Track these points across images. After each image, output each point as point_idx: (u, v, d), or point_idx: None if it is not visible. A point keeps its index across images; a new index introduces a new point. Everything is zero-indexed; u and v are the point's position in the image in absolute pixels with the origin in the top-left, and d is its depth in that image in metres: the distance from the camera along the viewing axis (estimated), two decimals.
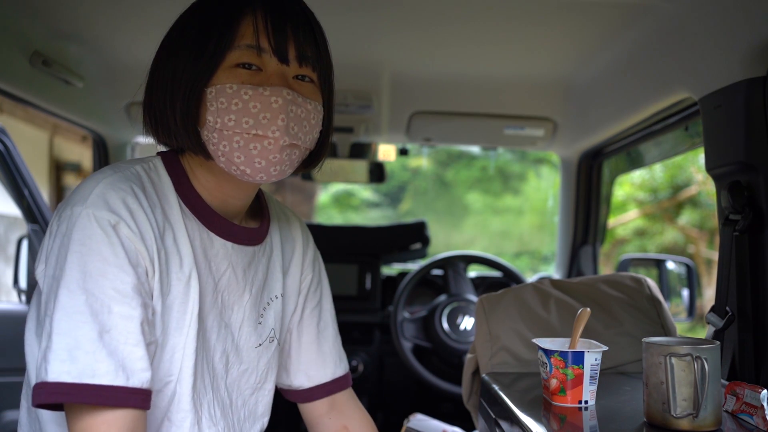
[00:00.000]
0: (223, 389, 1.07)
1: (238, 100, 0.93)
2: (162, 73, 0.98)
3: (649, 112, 1.76)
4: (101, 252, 0.88)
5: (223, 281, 1.05)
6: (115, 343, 0.87)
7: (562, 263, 2.76)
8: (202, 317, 1.02)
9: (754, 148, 1.24)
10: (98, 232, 0.88)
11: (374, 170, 2.73)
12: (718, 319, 1.31)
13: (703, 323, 1.50)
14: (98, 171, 0.97)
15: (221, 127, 0.94)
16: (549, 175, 8.04)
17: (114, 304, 0.87)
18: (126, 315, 0.88)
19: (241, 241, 1.07)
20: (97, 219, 0.89)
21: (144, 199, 0.94)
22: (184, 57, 0.95)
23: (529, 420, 1.11)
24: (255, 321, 1.11)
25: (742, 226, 1.26)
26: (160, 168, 1.02)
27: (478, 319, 1.53)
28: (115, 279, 0.88)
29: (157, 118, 0.99)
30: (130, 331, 0.88)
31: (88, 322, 0.85)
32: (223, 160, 0.97)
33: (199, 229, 1.02)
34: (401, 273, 2.82)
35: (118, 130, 2.47)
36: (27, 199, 2.26)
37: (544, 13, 1.57)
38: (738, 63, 1.23)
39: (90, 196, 0.90)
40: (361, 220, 8.51)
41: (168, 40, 1.00)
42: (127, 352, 0.87)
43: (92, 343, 0.85)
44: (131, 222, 0.91)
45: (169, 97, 0.96)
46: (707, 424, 0.99)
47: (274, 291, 1.15)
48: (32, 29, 1.67)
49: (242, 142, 0.94)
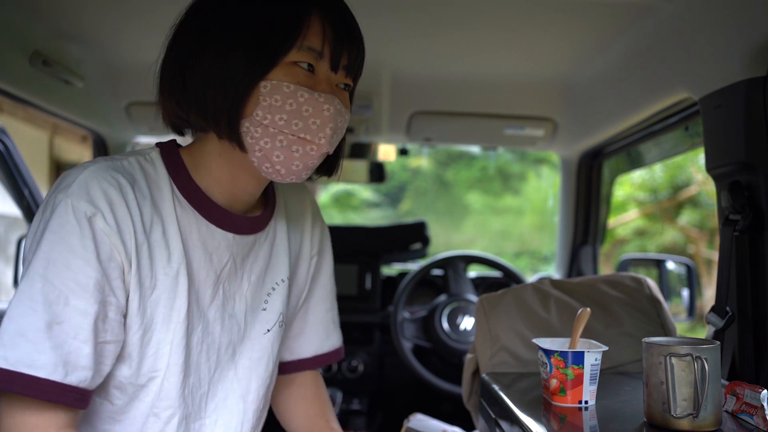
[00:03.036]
0: (232, 379, 1.07)
1: (293, 101, 0.93)
2: (206, 58, 0.93)
3: (649, 112, 1.76)
4: (70, 243, 0.87)
5: (224, 273, 1.04)
6: (63, 336, 0.86)
7: (562, 263, 2.76)
8: (204, 311, 1.02)
9: (754, 148, 1.24)
10: (72, 223, 0.88)
11: (374, 170, 2.73)
12: (718, 319, 1.31)
13: (703, 323, 1.50)
14: (91, 160, 0.96)
15: (269, 123, 0.93)
16: (549, 175, 8.05)
17: (72, 296, 0.87)
18: (82, 310, 0.87)
19: (242, 231, 1.06)
20: (74, 209, 0.88)
21: (129, 191, 0.93)
22: (242, 46, 0.92)
23: (529, 420, 1.11)
24: (259, 308, 1.11)
25: (742, 226, 1.26)
26: (157, 160, 1.01)
27: (478, 319, 1.53)
28: (78, 272, 0.87)
29: (191, 99, 0.95)
30: (82, 326, 0.87)
31: (39, 311, 0.85)
32: (259, 156, 0.96)
33: (197, 221, 1.00)
34: (401, 273, 2.82)
35: (118, 130, 2.47)
36: (27, 199, 2.26)
37: (544, 13, 1.57)
38: (738, 63, 1.23)
39: (73, 184, 0.90)
40: (361, 220, 8.51)
41: (213, 26, 0.95)
42: (74, 347, 0.87)
43: (37, 333, 0.85)
44: (109, 215, 0.90)
45: (217, 83, 0.93)
46: (707, 424, 0.99)
47: (279, 275, 1.14)
48: (32, 29, 1.67)
49: (285, 143, 0.94)
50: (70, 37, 1.78)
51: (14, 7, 1.56)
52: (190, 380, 1.01)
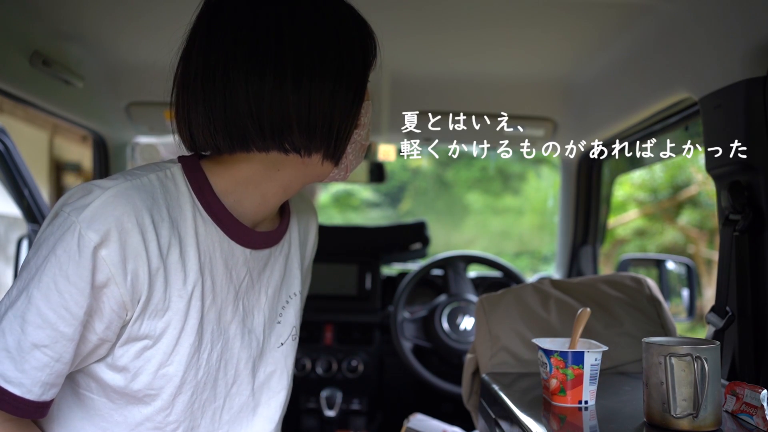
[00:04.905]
0: (249, 393, 1.07)
1: (369, 116, 1.02)
2: (294, 72, 0.91)
3: (649, 112, 1.76)
4: (68, 271, 0.87)
5: (242, 288, 1.04)
6: (46, 359, 0.88)
7: (562, 263, 2.76)
8: (224, 327, 1.01)
9: (754, 148, 1.24)
10: (74, 250, 0.87)
11: (374, 170, 2.73)
12: (718, 319, 1.31)
13: (703, 323, 1.50)
14: (111, 177, 0.94)
15: (361, 138, 1.01)
16: (549, 175, 8.05)
17: (61, 323, 0.87)
18: (69, 336, 0.88)
19: (257, 246, 1.05)
20: (81, 237, 0.87)
21: (147, 217, 0.91)
22: (348, 66, 0.95)
23: (529, 420, 1.11)
24: (274, 321, 1.11)
25: (742, 226, 1.26)
26: (178, 176, 0.97)
27: (478, 319, 1.53)
28: (71, 300, 0.87)
29: (247, 117, 0.91)
30: (67, 350, 0.89)
31: (28, 332, 0.87)
32: (343, 166, 1.02)
33: (220, 238, 0.99)
34: (401, 273, 2.82)
35: (118, 130, 2.47)
36: (27, 199, 2.26)
37: (545, 13, 1.57)
38: (738, 63, 1.23)
39: (88, 208, 0.88)
40: (361, 220, 8.51)
41: (271, 34, 0.91)
42: (56, 370, 0.89)
43: (21, 352, 0.87)
44: (115, 245, 0.88)
45: (336, 104, 0.94)
46: (707, 424, 0.99)
47: (293, 288, 1.15)
48: (32, 29, 1.67)
49: (359, 151, 1.04)
50: (70, 37, 1.77)
51: (14, 7, 1.56)
52: (203, 396, 1.00)
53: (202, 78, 0.92)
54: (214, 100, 0.91)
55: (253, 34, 0.91)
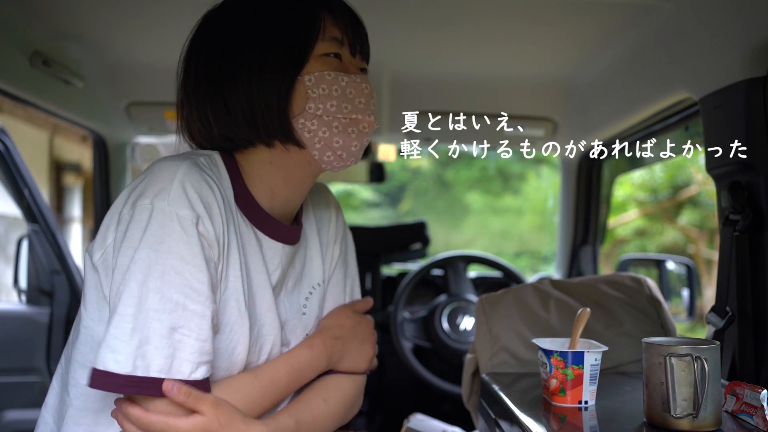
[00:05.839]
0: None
1: (336, 86, 0.99)
2: (242, 73, 0.98)
3: (649, 112, 1.76)
4: (179, 251, 0.88)
5: (274, 280, 1.06)
6: (186, 339, 0.88)
7: (562, 263, 2.76)
8: (258, 316, 1.02)
9: (754, 148, 1.24)
10: (178, 230, 0.88)
11: (374, 170, 2.73)
12: (718, 319, 1.31)
13: (703, 323, 1.50)
14: (166, 158, 0.96)
15: (323, 112, 0.98)
16: (549, 175, 8.05)
17: (189, 302, 0.88)
18: (200, 313, 0.89)
19: (290, 241, 1.08)
20: (179, 217, 0.88)
21: (218, 192, 0.95)
22: (273, 51, 0.97)
23: (529, 420, 1.11)
24: (299, 313, 1.12)
25: (742, 226, 1.26)
26: (220, 164, 1.01)
27: (478, 319, 1.53)
28: (192, 278, 0.89)
29: (236, 116, 0.99)
30: (202, 327, 0.89)
31: (162, 320, 0.87)
32: (319, 147, 1.00)
33: (253, 230, 1.02)
34: (401, 273, 2.82)
35: (118, 130, 2.47)
36: (27, 199, 2.26)
37: (545, 13, 1.57)
38: (738, 63, 1.23)
39: (171, 189, 0.90)
40: (361, 220, 8.51)
41: (238, 42, 0.99)
42: (197, 347, 0.89)
43: (162, 340, 0.87)
44: (206, 218, 0.91)
45: (260, 92, 0.97)
46: (707, 424, 0.99)
47: (315, 279, 1.16)
48: (32, 29, 1.67)
49: (341, 127, 1.00)
50: (70, 37, 1.77)
51: (14, 7, 1.56)
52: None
53: (183, 87, 1.03)
54: (203, 104, 1.01)
55: (216, 43, 1.01)
